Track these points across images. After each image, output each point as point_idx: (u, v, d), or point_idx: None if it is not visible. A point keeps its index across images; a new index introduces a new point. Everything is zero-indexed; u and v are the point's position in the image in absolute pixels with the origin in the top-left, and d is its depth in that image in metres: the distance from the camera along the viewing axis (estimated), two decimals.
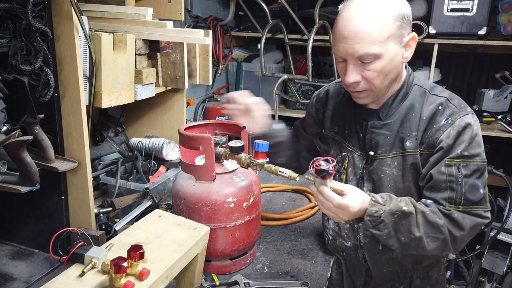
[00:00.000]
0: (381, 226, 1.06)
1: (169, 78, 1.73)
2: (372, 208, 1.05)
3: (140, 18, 1.51)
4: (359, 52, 1.03)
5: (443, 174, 1.09)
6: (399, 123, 1.16)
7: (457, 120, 1.10)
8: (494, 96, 2.85)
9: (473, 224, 1.08)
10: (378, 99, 1.16)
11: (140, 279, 0.89)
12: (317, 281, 1.25)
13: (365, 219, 1.06)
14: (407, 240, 1.08)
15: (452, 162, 1.09)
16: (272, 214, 1.64)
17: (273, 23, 2.71)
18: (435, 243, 1.08)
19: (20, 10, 1.02)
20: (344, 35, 1.04)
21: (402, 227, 1.07)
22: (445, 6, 2.47)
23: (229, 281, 1.19)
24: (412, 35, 1.09)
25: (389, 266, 1.27)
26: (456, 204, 1.08)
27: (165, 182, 1.68)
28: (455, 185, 1.08)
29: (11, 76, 1.07)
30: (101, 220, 1.39)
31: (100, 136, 1.81)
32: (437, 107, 1.13)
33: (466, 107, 1.14)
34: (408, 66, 1.20)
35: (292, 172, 1.08)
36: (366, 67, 1.06)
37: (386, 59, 1.05)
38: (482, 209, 1.09)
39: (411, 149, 1.14)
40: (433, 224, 1.07)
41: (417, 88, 1.17)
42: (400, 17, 1.04)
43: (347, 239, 1.29)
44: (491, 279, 2.56)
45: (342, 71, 1.12)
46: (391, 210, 1.06)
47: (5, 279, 1.19)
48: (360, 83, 1.09)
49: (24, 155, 1.08)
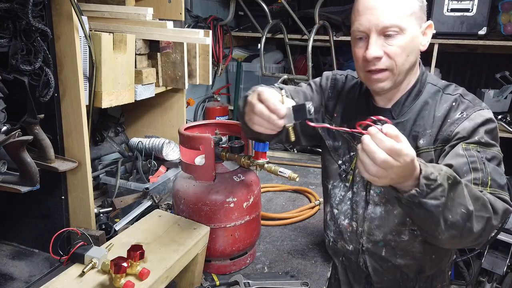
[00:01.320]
0: (439, 192, 0.83)
1: (169, 78, 1.73)
2: (426, 169, 0.83)
3: (140, 18, 1.51)
4: (385, 22, 1.01)
5: (463, 157, 1.00)
6: (412, 122, 1.13)
7: (472, 114, 1.06)
8: (494, 96, 2.85)
9: (505, 208, 0.96)
10: (394, 87, 1.10)
11: (140, 279, 0.90)
12: (317, 281, 1.25)
13: (421, 182, 0.82)
14: (456, 217, 0.87)
15: (469, 146, 1.02)
16: (272, 214, 1.64)
17: (273, 23, 2.70)
18: (480, 223, 0.91)
19: (20, 10, 1.02)
20: (369, 6, 1.02)
21: (451, 200, 0.87)
22: (445, 6, 2.47)
23: (229, 281, 1.19)
24: (429, 22, 1.09)
25: (390, 275, 1.23)
26: (483, 186, 0.97)
27: (165, 182, 1.68)
28: (479, 165, 0.98)
29: (11, 76, 1.07)
30: (101, 220, 1.39)
31: (100, 136, 1.81)
32: (451, 104, 1.10)
33: (480, 102, 1.11)
34: (422, 64, 1.18)
35: (292, 172, 1.08)
36: (389, 42, 1.03)
37: (409, 36, 1.03)
38: (507, 195, 0.99)
39: (425, 146, 1.10)
40: (479, 199, 0.92)
41: (431, 86, 1.15)
42: (421, 0, 1.06)
43: (349, 242, 1.25)
44: (491, 279, 2.56)
45: (361, 48, 1.07)
46: (447, 172, 0.86)
47: (5, 279, 1.19)
48: (382, 59, 1.04)
49: (24, 155, 1.08)
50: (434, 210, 0.85)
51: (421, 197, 0.83)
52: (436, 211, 0.85)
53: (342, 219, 1.25)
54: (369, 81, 1.10)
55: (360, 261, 1.25)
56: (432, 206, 0.84)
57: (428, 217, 0.86)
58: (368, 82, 1.12)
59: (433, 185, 0.83)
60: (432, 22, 1.10)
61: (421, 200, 0.83)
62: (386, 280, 1.24)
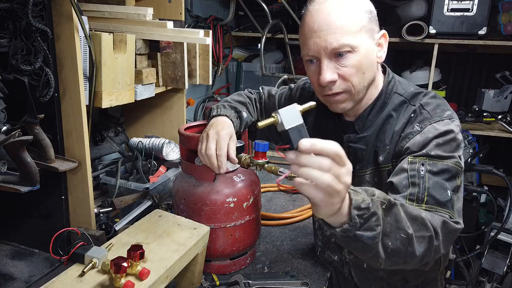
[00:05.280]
0: (373, 222, 0.77)
1: (169, 78, 1.73)
2: (356, 197, 0.76)
3: (140, 18, 1.51)
4: (333, 44, 0.95)
5: (404, 171, 0.94)
6: (374, 136, 1.07)
7: (426, 127, 0.98)
8: (494, 96, 2.85)
9: (441, 222, 0.88)
10: (356, 104, 1.06)
11: (140, 279, 0.89)
12: (317, 281, 1.25)
13: (353, 214, 0.75)
14: (396, 244, 0.81)
15: (416, 159, 0.94)
16: (272, 214, 1.64)
17: (273, 23, 2.70)
18: (423, 245, 0.84)
19: (20, 10, 1.02)
20: (314, 28, 0.96)
21: (389, 225, 0.80)
22: (445, 6, 2.47)
23: (229, 281, 1.19)
24: (382, 32, 1.04)
25: (377, 284, 1.20)
26: (418, 202, 0.90)
27: (165, 182, 1.68)
28: (417, 180, 0.91)
29: (11, 76, 1.07)
30: (101, 220, 1.39)
31: (100, 136, 1.81)
32: (410, 116, 1.03)
33: (443, 112, 1.01)
34: (390, 71, 1.12)
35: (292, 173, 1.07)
36: (342, 63, 0.97)
37: (362, 53, 0.97)
38: (448, 213, 0.90)
39: (384, 164, 1.05)
40: (417, 219, 0.85)
41: (397, 97, 1.08)
42: (368, 10, 1.00)
43: (334, 253, 1.23)
44: (491, 279, 2.56)
45: (315, 73, 1.02)
46: (379, 198, 0.79)
47: (5, 279, 1.19)
48: (337, 82, 0.99)
49: (24, 155, 1.08)
50: (371, 243, 0.78)
51: (355, 230, 0.76)
52: (373, 243, 0.79)
53: None
54: (329, 103, 1.07)
55: (345, 271, 1.24)
56: (368, 238, 0.77)
57: (367, 249, 0.80)
58: (329, 105, 1.08)
59: (366, 214, 0.76)
60: (385, 31, 1.05)
61: (356, 233, 0.76)
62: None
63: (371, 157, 1.08)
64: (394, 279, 1.18)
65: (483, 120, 2.73)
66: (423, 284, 1.20)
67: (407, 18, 2.67)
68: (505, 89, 2.82)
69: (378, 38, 1.03)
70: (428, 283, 1.22)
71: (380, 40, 1.04)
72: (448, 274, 2.55)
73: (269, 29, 2.70)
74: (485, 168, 2.24)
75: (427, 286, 1.22)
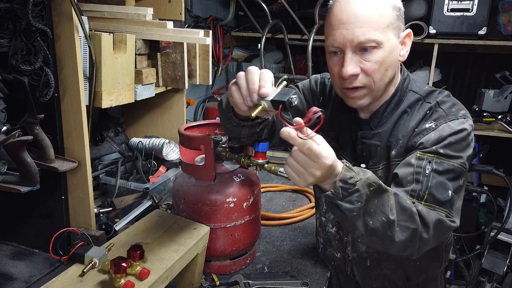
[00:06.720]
0: (354, 197, 0.85)
1: (169, 78, 1.73)
2: (346, 173, 0.85)
3: (140, 18, 1.51)
4: (360, 38, 0.94)
5: (411, 166, 0.96)
6: (389, 132, 1.07)
7: (441, 125, 0.99)
8: (494, 96, 2.85)
9: (436, 220, 0.92)
10: (374, 101, 1.06)
11: (140, 279, 0.90)
12: (317, 281, 1.25)
13: (337, 185, 0.84)
14: (376, 224, 0.88)
15: (424, 156, 0.96)
16: (272, 214, 1.65)
17: (273, 23, 2.70)
18: (405, 234, 0.90)
19: (20, 10, 1.02)
20: (343, 20, 0.95)
21: (374, 206, 0.88)
22: (445, 6, 2.47)
23: (229, 281, 1.19)
24: (407, 31, 1.04)
25: (379, 282, 1.21)
26: (418, 198, 0.94)
27: (165, 182, 1.68)
28: (421, 177, 0.95)
29: (11, 76, 1.07)
30: (101, 220, 1.39)
31: (100, 136, 1.81)
32: (425, 112, 1.04)
33: (458, 111, 1.02)
34: (405, 69, 1.12)
35: None
36: (366, 58, 0.97)
37: (387, 50, 0.97)
38: (446, 212, 0.94)
39: (395, 158, 1.05)
40: (406, 210, 0.90)
41: (412, 95, 1.08)
42: (397, 8, 1.00)
43: (336, 250, 1.23)
44: (491, 279, 2.56)
45: (337, 65, 1.01)
46: (369, 179, 0.87)
47: (5, 279, 1.19)
48: (359, 76, 0.99)
49: (24, 155, 1.08)
50: (349, 214, 0.87)
51: (337, 199, 0.86)
52: (350, 215, 0.87)
53: (330, 226, 1.24)
54: (347, 98, 1.06)
55: (347, 269, 1.24)
56: (347, 209, 0.86)
57: (344, 219, 0.89)
58: (346, 99, 1.07)
59: (351, 189, 0.85)
60: (410, 30, 1.05)
61: (337, 202, 0.86)
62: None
63: (384, 152, 1.08)
64: (396, 277, 1.18)
65: (483, 120, 2.72)
66: (424, 283, 1.22)
67: (407, 18, 2.65)
68: (505, 89, 2.82)
69: (403, 36, 1.03)
70: (429, 282, 1.23)
71: (404, 39, 1.04)
72: (448, 274, 2.56)
73: (269, 29, 2.69)
74: (485, 168, 2.24)
75: (427, 284, 1.23)
